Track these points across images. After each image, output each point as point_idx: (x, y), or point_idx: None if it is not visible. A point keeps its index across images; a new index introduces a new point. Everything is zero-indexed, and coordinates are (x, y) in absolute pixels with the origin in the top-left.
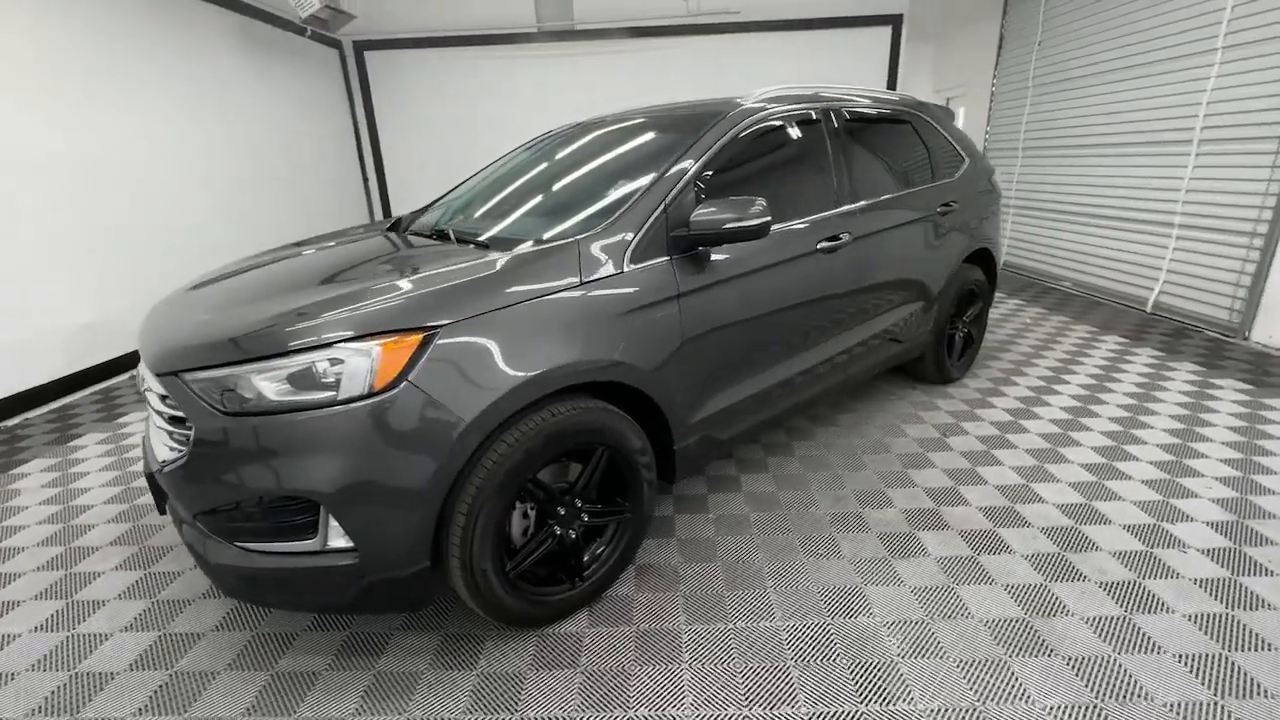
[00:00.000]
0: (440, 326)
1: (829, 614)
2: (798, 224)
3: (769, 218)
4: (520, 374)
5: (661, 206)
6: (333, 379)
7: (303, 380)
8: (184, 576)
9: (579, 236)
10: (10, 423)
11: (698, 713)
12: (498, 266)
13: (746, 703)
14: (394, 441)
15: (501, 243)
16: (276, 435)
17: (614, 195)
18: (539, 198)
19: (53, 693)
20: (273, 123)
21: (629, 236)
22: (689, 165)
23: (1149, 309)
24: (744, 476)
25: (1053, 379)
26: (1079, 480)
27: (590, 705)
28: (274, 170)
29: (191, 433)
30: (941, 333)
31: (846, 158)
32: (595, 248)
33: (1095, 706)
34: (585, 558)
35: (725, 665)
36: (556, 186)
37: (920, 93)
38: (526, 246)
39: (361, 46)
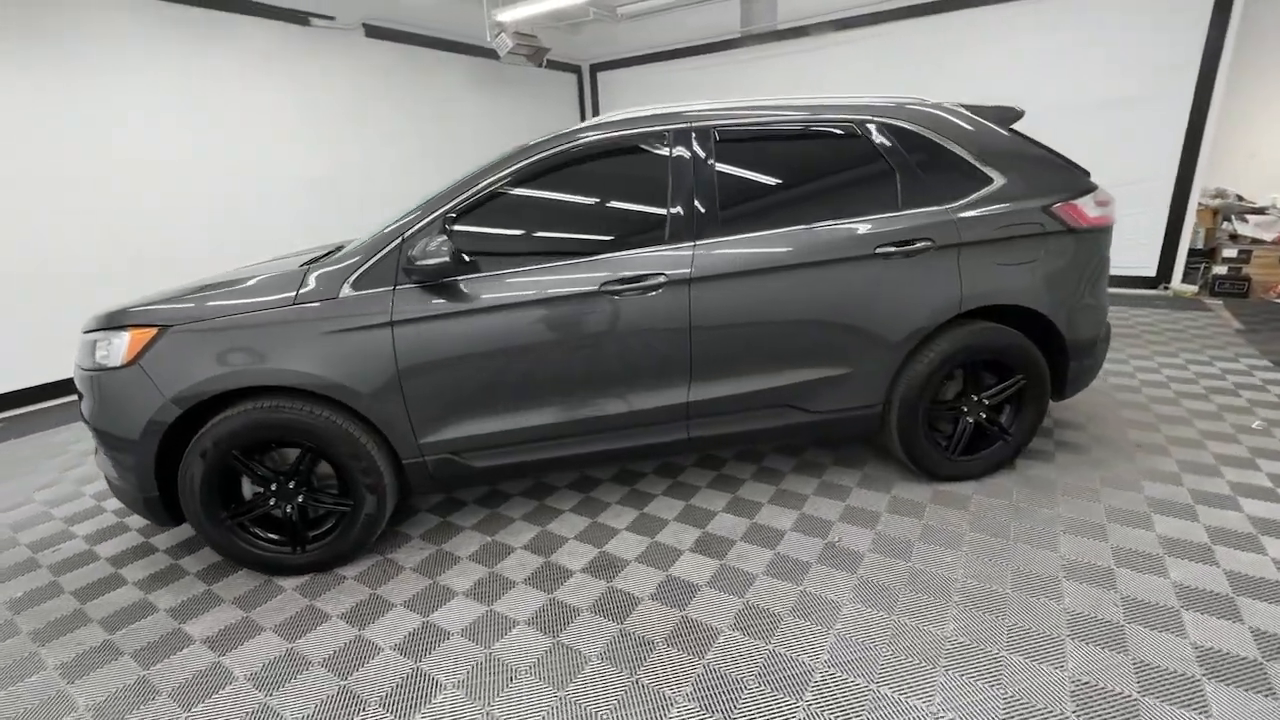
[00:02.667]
0: (169, 327)
1: (415, 656)
2: (569, 262)
3: (444, 258)
4: (211, 370)
5: (399, 239)
6: (111, 352)
7: (106, 351)
8: None
9: (314, 260)
10: None
11: (250, 678)
12: (233, 283)
13: (264, 687)
14: (122, 402)
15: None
16: (88, 384)
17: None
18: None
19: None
20: (504, 141)
21: (357, 263)
22: (441, 199)
23: None
24: (568, 515)
25: (1127, 516)
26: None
27: (207, 641)
28: None
29: None
30: (911, 410)
31: (704, 187)
32: (321, 272)
33: None
34: (313, 533)
35: (308, 662)
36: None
37: None
38: (276, 265)
39: (596, 68)
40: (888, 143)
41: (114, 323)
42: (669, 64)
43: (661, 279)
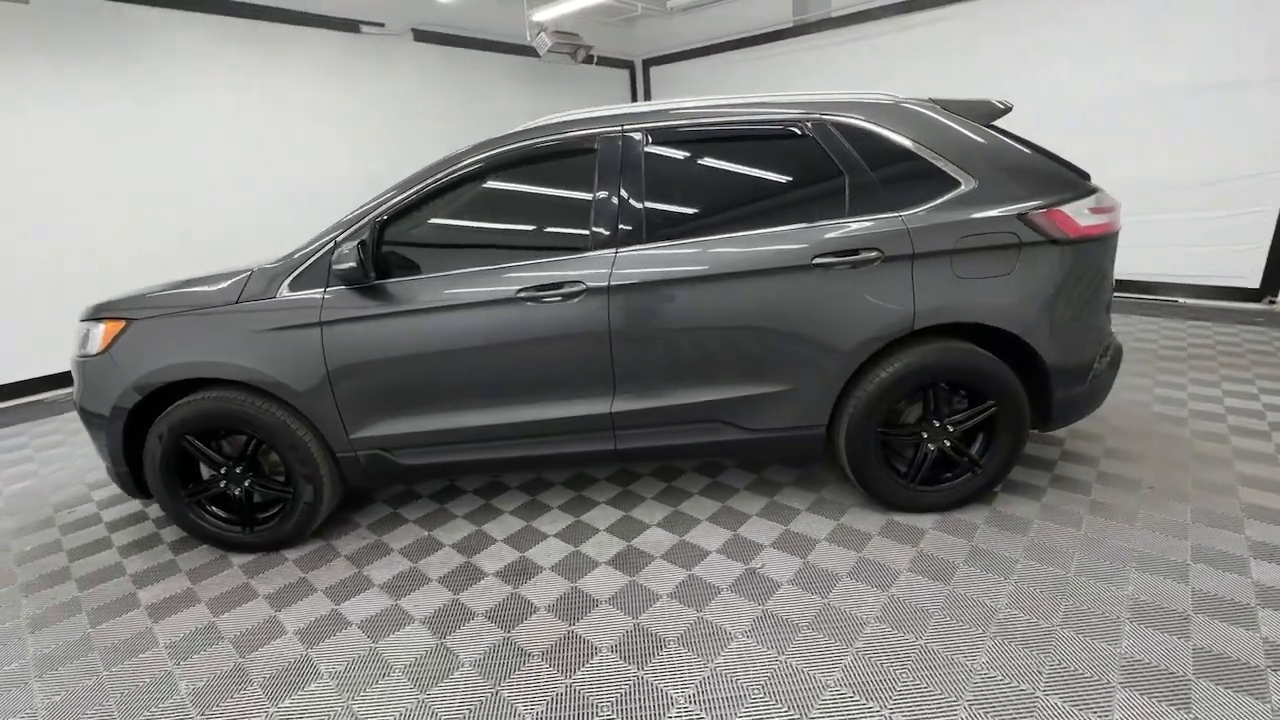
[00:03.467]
0: (133, 320)
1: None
2: (491, 267)
3: (351, 263)
4: (162, 361)
5: (331, 243)
6: (90, 341)
7: (89, 340)
8: None
9: (259, 264)
10: None
11: (169, 646)
12: (195, 282)
13: (176, 656)
14: (97, 386)
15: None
16: (76, 369)
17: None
18: None
19: None
20: None
21: (294, 267)
22: (371, 205)
23: None
24: (507, 517)
25: (1101, 570)
26: None
27: (149, 607)
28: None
29: None
30: (861, 432)
31: (631, 192)
32: (262, 274)
33: None
34: (262, 516)
35: (221, 636)
36: None
37: None
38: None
39: (649, 63)
40: (836, 143)
41: (95, 314)
42: (722, 56)
43: (579, 286)
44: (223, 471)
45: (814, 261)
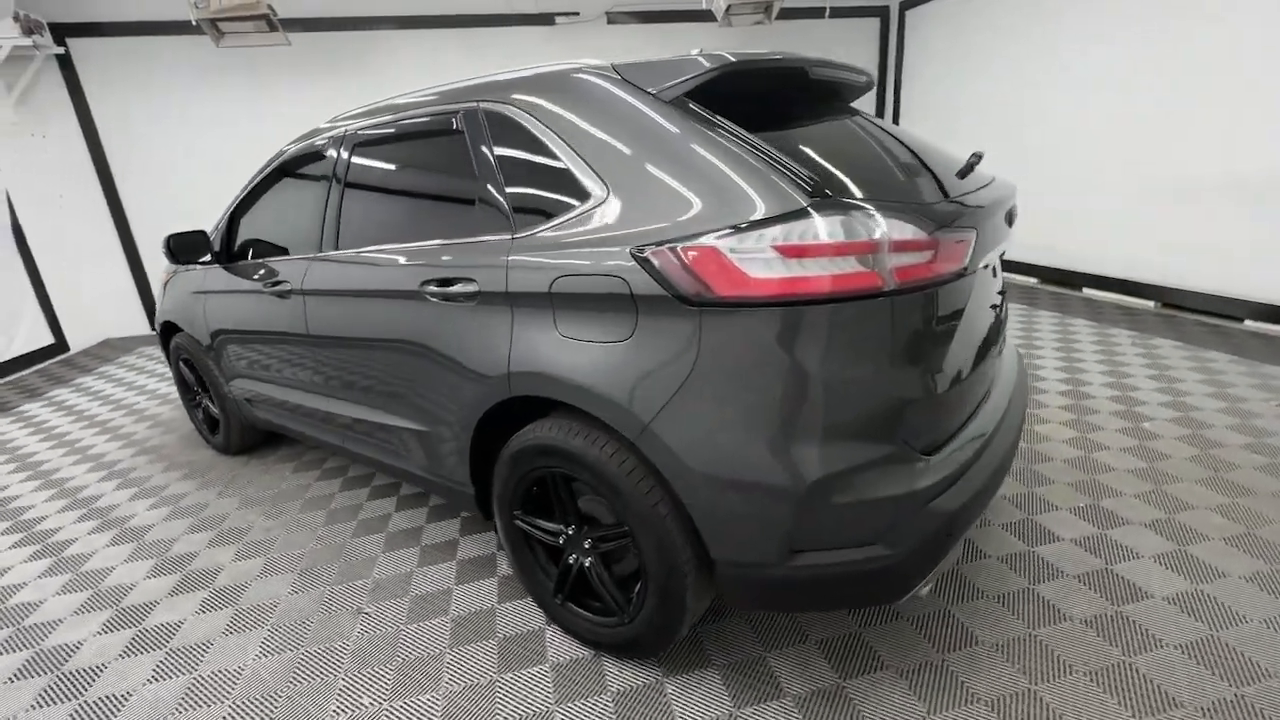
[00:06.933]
0: (169, 274)
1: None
2: (260, 261)
3: (166, 249)
4: (162, 307)
5: (221, 223)
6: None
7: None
8: None
9: None
10: None
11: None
12: None
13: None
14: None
15: None
16: None
17: None
18: None
19: None
20: None
21: None
22: (240, 192)
23: None
24: (328, 481)
25: None
26: None
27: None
28: None
29: None
30: (503, 513)
31: (332, 198)
32: None
33: None
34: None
35: (128, 494)
36: None
37: None
38: None
39: (904, 6)
40: (479, 138)
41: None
42: None
43: (290, 285)
44: (196, 389)
45: (421, 288)
